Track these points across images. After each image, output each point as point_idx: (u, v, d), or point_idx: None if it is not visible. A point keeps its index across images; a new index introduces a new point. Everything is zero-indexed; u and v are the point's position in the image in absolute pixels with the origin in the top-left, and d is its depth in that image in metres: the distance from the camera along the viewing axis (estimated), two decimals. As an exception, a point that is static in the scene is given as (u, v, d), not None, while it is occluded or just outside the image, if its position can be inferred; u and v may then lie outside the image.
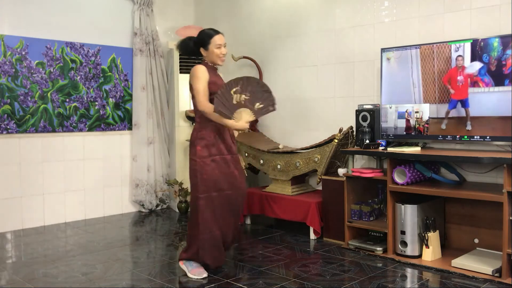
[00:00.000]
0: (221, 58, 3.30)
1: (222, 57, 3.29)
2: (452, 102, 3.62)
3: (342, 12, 4.56)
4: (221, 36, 3.28)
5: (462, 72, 3.54)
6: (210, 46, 3.25)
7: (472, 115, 3.52)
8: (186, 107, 5.49)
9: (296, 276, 3.28)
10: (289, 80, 5.06)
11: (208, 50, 3.26)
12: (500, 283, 3.08)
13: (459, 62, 3.55)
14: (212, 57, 3.28)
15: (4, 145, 4.67)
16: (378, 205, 4.05)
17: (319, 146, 4.29)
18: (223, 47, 3.27)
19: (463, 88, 3.55)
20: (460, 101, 3.57)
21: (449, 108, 3.63)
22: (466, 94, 3.53)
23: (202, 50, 3.30)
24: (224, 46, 3.28)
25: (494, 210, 3.41)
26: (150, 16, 5.58)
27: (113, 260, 3.74)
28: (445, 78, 3.64)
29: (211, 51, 3.26)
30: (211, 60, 3.30)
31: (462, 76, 3.55)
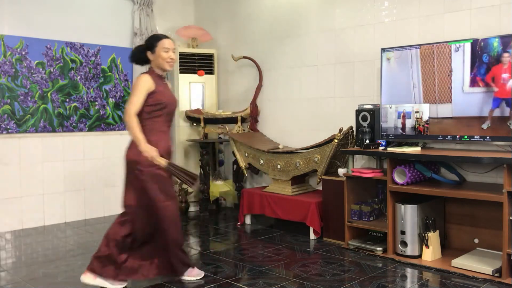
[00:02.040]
0: (169, 63, 3.12)
1: (170, 61, 3.11)
2: (496, 101, 3.44)
3: (342, 12, 4.56)
4: (170, 40, 3.15)
5: (509, 69, 3.34)
6: (157, 49, 3.09)
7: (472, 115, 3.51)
8: (186, 107, 5.49)
9: (296, 276, 3.28)
10: (289, 80, 5.06)
11: (155, 53, 3.10)
12: (500, 283, 3.08)
13: (505, 59, 3.36)
14: (158, 61, 3.10)
15: (4, 145, 4.67)
16: (378, 205, 4.05)
17: (319, 146, 4.29)
18: (171, 51, 3.11)
19: (505, 87, 3.36)
20: (505, 100, 3.38)
21: (493, 107, 3.44)
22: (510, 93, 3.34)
23: (149, 54, 3.13)
24: (172, 52, 3.12)
25: (494, 210, 3.41)
26: (150, 16, 5.58)
27: (113, 260, 3.73)
28: (489, 76, 3.44)
29: (158, 54, 3.09)
30: (158, 65, 3.12)
31: (508, 74, 3.36)
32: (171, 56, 3.11)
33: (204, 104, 5.61)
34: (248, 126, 5.36)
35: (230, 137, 5.02)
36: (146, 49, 3.14)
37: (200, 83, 5.59)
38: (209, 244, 4.21)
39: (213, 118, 5.33)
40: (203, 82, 5.60)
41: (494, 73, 3.43)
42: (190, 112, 5.41)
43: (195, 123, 5.47)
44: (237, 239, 4.37)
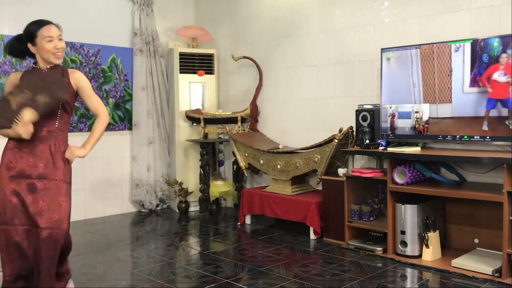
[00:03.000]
0: (56, 54, 2.61)
1: (56, 52, 2.60)
2: (490, 101, 3.44)
3: (342, 12, 4.56)
4: (51, 26, 2.60)
5: (505, 70, 3.34)
6: (38, 40, 2.58)
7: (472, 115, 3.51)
8: (186, 107, 5.49)
9: (296, 276, 3.28)
10: (289, 80, 5.06)
11: (37, 45, 2.60)
12: (500, 283, 3.08)
13: (503, 59, 3.35)
14: (43, 54, 2.60)
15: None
16: (378, 205, 4.05)
17: (319, 146, 4.29)
18: (56, 39, 2.59)
19: (502, 87, 3.36)
20: (500, 101, 3.39)
21: (488, 108, 3.44)
22: (507, 93, 3.33)
23: (31, 46, 2.63)
24: (59, 40, 2.61)
25: (494, 210, 3.41)
26: (150, 16, 5.58)
27: (113, 260, 3.74)
28: (484, 76, 3.44)
29: (40, 46, 2.59)
30: (44, 59, 2.62)
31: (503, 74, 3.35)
32: (57, 45, 2.60)
33: (204, 104, 5.61)
34: (248, 126, 5.36)
35: (230, 137, 5.02)
36: (26, 40, 2.64)
37: (200, 83, 5.59)
38: (209, 244, 4.21)
39: (213, 118, 5.33)
40: (203, 82, 5.60)
41: (490, 73, 3.43)
42: (190, 112, 5.41)
43: (195, 123, 5.47)
44: (237, 239, 4.37)
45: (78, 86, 2.73)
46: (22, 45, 2.65)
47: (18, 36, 2.67)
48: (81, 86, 2.74)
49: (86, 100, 2.79)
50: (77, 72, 2.75)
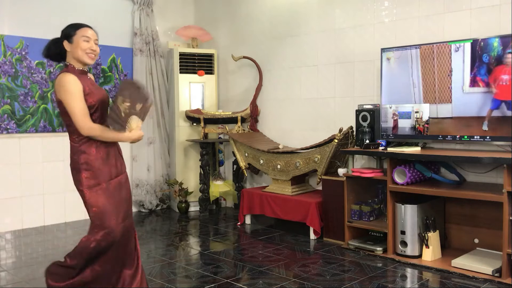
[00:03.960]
0: (89, 55, 2.61)
1: (90, 53, 2.61)
2: (495, 102, 3.44)
3: (342, 12, 4.56)
4: (90, 29, 2.66)
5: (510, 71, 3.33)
6: (76, 38, 2.59)
7: (472, 115, 3.51)
8: (186, 107, 5.49)
9: (296, 276, 3.28)
10: (289, 80, 5.06)
11: (73, 43, 2.59)
12: (500, 283, 3.08)
13: (508, 60, 3.35)
14: (77, 52, 2.59)
15: (4, 145, 4.67)
16: (378, 205, 4.05)
17: (319, 146, 4.29)
18: (92, 42, 2.63)
19: (506, 88, 3.36)
20: (505, 102, 3.38)
21: (492, 108, 3.44)
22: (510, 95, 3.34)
23: (66, 44, 2.61)
24: (95, 43, 2.64)
25: (494, 210, 3.41)
26: (150, 16, 5.58)
27: (113, 260, 3.73)
28: (491, 77, 3.42)
29: (76, 44, 2.59)
30: (77, 57, 2.60)
31: (508, 75, 3.34)
32: (92, 47, 2.62)
33: (204, 104, 5.61)
34: (248, 126, 5.36)
35: (230, 137, 5.02)
36: (62, 38, 2.63)
37: (200, 83, 5.59)
38: (209, 244, 4.21)
39: (213, 118, 5.33)
40: (203, 82, 5.60)
41: (497, 74, 3.40)
42: (190, 112, 5.41)
43: (195, 123, 5.47)
44: (237, 239, 4.37)
45: None
46: (58, 46, 2.65)
47: (55, 39, 2.68)
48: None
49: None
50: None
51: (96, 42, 2.66)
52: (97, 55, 2.68)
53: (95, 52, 2.64)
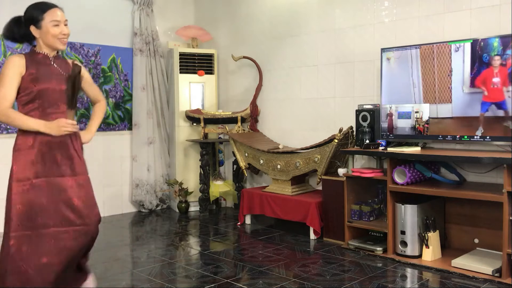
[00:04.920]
0: (62, 40, 2.48)
1: (62, 38, 2.47)
2: (484, 105, 3.47)
3: (342, 12, 4.56)
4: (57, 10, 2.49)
5: (499, 74, 3.37)
6: (44, 23, 2.45)
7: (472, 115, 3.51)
8: (186, 107, 5.49)
9: (296, 276, 3.28)
10: (289, 80, 5.06)
11: (42, 28, 2.45)
12: (500, 283, 3.08)
13: (496, 62, 3.39)
14: (48, 39, 2.46)
15: (4, 145, 4.66)
16: (378, 205, 4.05)
17: (319, 146, 4.29)
18: (63, 25, 2.47)
19: (497, 91, 3.39)
20: (495, 104, 3.41)
21: (482, 111, 3.46)
22: (502, 96, 3.36)
23: (34, 29, 2.47)
24: (65, 24, 2.49)
25: (494, 210, 3.41)
26: (150, 16, 5.58)
27: (113, 260, 3.74)
28: (479, 80, 3.46)
29: (45, 30, 2.45)
30: (48, 44, 2.48)
31: (498, 78, 3.39)
32: (63, 31, 2.47)
33: (204, 104, 5.61)
34: (248, 126, 5.36)
35: (230, 137, 5.02)
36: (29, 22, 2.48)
37: (200, 83, 5.59)
38: (209, 244, 4.21)
39: (213, 118, 5.33)
40: (203, 82, 5.60)
41: (485, 76, 3.45)
42: (190, 112, 5.41)
43: (195, 123, 5.47)
44: (237, 239, 4.37)
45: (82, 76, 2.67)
46: (21, 28, 2.51)
47: (16, 18, 2.53)
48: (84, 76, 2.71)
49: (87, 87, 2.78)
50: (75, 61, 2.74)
51: (66, 23, 2.50)
52: (68, 36, 2.52)
53: (66, 35, 2.49)
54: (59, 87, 2.50)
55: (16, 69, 2.40)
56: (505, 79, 3.34)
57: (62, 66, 2.58)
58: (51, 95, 2.48)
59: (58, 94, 2.50)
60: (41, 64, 2.49)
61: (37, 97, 2.45)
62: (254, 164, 4.85)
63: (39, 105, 2.47)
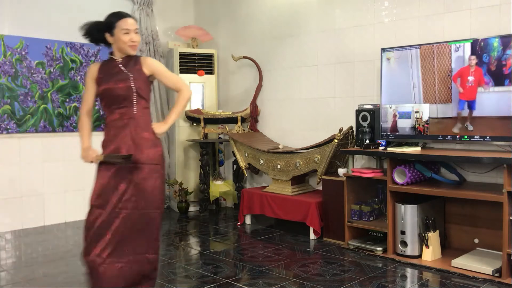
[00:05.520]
0: (132, 46, 2.74)
1: (131, 44, 2.74)
2: (461, 103, 3.56)
3: (342, 12, 4.56)
4: (129, 19, 2.77)
5: (474, 73, 3.47)
6: (116, 31, 2.73)
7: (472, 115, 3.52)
8: (186, 107, 5.48)
9: (296, 276, 3.28)
10: (289, 80, 5.06)
11: (114, 36, 2.74)
12: (500, 283, 3.08)
13: (472, 61, 3.48)
14: (119, 45, 2.74)
15: (4, 145, 4.67)
16: (378, 205, 4.05)
17: (319, 146, 4.29)
18: (133, 33, 2.74)
19: (471, 89, 3.49)
20: (468, 102, 3.52)
21: (459, 109, 3.56)
22: (474, 95, 3.48)
23: (108, 36, 2.77)
24: (135, 33, 2.75)
25: (494, 210, 3.41)
26: (150, 16, 5.58)
27: (113, 260, 3.73)
28: (455, 76, 3.57)
29: (117, 37, 2.73)
30: (120, 49, 2.75)
31: (473, 77, 3.48)
32: (133, 38, 2.73)
33: (204, 104, 5.61)
34: (248, 126, 5.36)
35: (230, 137, 5.02)
36: (104, 29, 2.78)
37: (200, 83, 5.59)
38: (209, 244, 4.21)
39: (213, 118, 5.33)
40: (203, 82, 5.60)
41: (461, 73, 3.53)
42: (190, 112, 5.41)
43: (195, 123, 5.47)
44: (237, 239, 4.37)
45: (151, 70, 2.79)
46: (100, 33, 2.79)
47: (97, 23, 2.80)
48: (154, 70, 2.81)
49: (163, 80, 2.87)
50: (148, 58, 2.84)
51: (137, 31, 2.77)
52: (138, 43, 2.79)
53: (136, 42, 2.75)
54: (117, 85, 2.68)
55: (89, 75, 2.74)
56: (480, 78, 3.43)
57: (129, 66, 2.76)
58: (111, 94, 2.68)
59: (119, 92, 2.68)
60: (109, 67, 2.76)
61: (103, 97, 2.72)
62: (254, 164, 4.85)
63: (105, 103, 2.72)
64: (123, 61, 2.77)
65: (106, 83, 2.69)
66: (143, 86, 2.74)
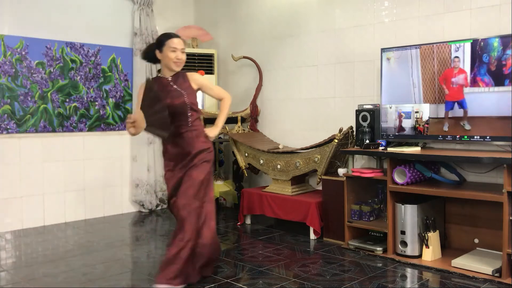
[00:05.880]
0: (176, 63, 3.10)
1: (177, 61, 3.09)
2: (448, 104, 3.63)
3: (342, 12, 4.56)
4: (179, 40, 3.13)
5: (458, 74, 3.55)
6: (165, 48, 3.09)
7: (472, 115, 3.52)
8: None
9: (296, 276, 3.28)
10: (289, 80, 5.06)
11: (163, 52, 3.11)
12: (500, 283, 3.08)
13: (456, 63, 3.55)
14: (166, 61, 3.11)
15: (4, 145, 4.67)
16: (378, 205, 4.05)
17: (319, 146, 4.29)
18: (179, 51, 3.09)
19: (457, 90, 3.56)
20: (457, 102, 3.58)
21: (446, 110, 3.64)
22: (462, 95, 3.54)
23: (158, 53, 3.13)
24: (181, 52, 3.10)
25: (494, 210, 3.41)
26: (150, 16, 5.58)
27: (113, 260, 3.74)
28: (441, 78, 3.65)
29: (165, 54, 3.09)
30: (166, 64, 3.12)
31: (457, 78, 3.56)
32: (178, 56, 3.08)
33: (204, 104, 5.61)
34: (248, 126, 5.36)
35: (230, 137, 5.02)
36: (155, 47, 3.14)
37: (200, 83, 5.58)
38: (209, 244, 4.20)
39: (213, 118, 5.32)
40: (203, 82, 5.59)
41: (446, 75, 3.61)
42: (190, 112, 5.40)
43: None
44: (237, 239, 4.37)
45: (198, 84, 3.20)
46: (152, 51, 3.16)
47: (151, 43, 3.23)
48: (201, 84, 3.21)
49: (209, 92, 3.31)
50: (193, 74, 3.23)
51: (183, 51, 3.12)
52: (183, 62, 3.14)
53: (181, 60, 3.11)
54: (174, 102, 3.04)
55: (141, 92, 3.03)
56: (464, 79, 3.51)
57: (178, 82, 3.13)
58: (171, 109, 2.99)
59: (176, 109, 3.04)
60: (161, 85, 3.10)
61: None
62: (254, 164, 4.85)
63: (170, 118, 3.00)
64: (172, 79, 3.13)
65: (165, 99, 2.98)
66: (195, 100, 3.14)
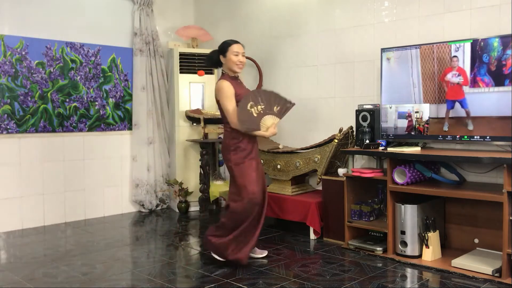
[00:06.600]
0: (238, 65, 3.51)
1: (239, 64, 3.50)
2: (449, 103, 3.63)
3: (342, 12, 4.56)
4: (239, 45, 3.54)
5: (456, 73, 3.56)
6: (228, 53, 3.49)
7: (472, 115, 3.52)
8: (186, 107, 5.49)
9: (296, 276, 3.28)
10: (289, 80, 5.06)
11: (226, 57, 3.50)
12: (500, 283, 3.08)
13: (454, 63, 3.56)
14: (229, 64, 3.50)
15: (4, 145, 4.67)
16: (378, 205, 4.05)
17: (319, 146, 4.29)
18: (240, 55, 3.50)
19: (455, 89, 3.57)
20: (458, 102, 3.58)
21: (448, 108, 3.64)
22: (462, 94, 3.55)
23: (221, 57, 3.54)
24: (242, 55, 3.51)
25: (494, 210, 3.41)
26: (150, 16, 5.58)
27: (113, 260, 3.74)
28: (442, 76, 3.65)
29: (228, 58, 3.49)
30: (229, 67, 3.51)
31: (456, 77, 3.56)
32: (240, 59, 3.49)
33: (204, 104, 5.61)
34: (248, 126, 5.35)
35: (230, 137, 5.01)
36: (219, 52, 3.56)
37: (200, 83, 5.59)
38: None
39: (213, 118, 5.33)
40: (203, 82, 5.59)
41: (445, 75, 3.62)
42: (190, 112, 5.41)
43: (195, 123, 5.47)
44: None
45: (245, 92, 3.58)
46: (215, 56, 3.59)
47: (213, 50, 3.64)
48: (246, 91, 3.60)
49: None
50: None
51: (244, 54, 3.54)
52: (244, 65, 3.55)
53: (242, 63, 3.53)
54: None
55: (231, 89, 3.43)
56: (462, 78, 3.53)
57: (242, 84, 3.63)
58: None
59: None
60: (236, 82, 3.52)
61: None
62: (254, 164, 4.84)
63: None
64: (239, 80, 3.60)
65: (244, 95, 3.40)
66: None
